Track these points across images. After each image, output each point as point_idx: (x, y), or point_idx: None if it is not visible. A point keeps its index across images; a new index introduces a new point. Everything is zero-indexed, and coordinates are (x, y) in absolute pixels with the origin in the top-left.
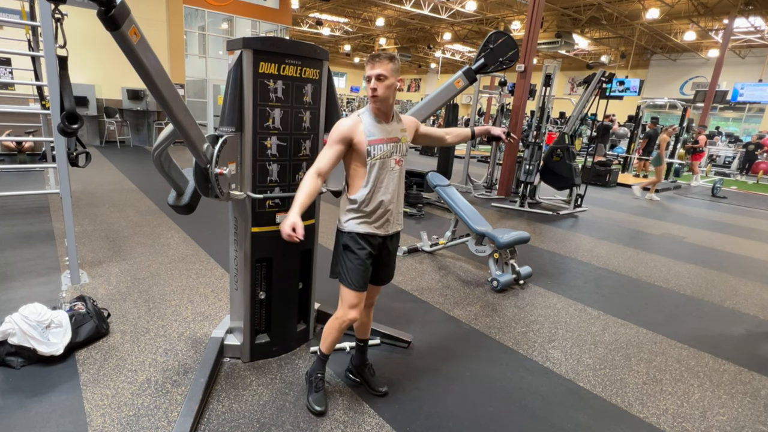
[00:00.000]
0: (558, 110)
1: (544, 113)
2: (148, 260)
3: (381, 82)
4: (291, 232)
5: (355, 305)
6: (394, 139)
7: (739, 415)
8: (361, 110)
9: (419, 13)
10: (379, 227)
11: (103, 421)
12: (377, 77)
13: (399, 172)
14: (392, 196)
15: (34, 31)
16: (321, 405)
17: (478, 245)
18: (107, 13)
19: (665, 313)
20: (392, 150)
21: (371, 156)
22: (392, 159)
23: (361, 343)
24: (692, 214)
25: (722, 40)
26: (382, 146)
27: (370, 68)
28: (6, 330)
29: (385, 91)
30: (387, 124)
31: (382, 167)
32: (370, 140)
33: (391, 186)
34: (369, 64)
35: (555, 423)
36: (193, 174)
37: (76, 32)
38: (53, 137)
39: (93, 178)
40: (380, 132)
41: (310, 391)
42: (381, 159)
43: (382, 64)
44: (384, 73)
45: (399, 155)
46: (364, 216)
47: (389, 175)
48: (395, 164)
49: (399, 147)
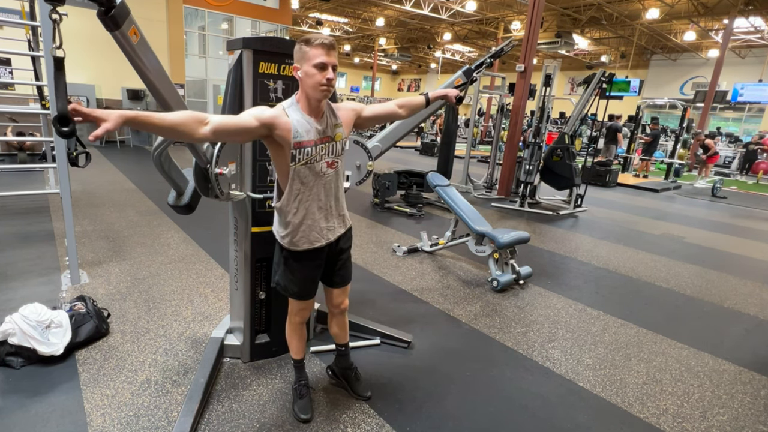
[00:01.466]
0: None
1: (544, 113)
2: (148, 260)
3: (334, 72)
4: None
5: (302, 309)
6: (325, 138)
7: (739, 415)
8: (285, 103)
9: (419, 13)
10: (315, 240)
11: (103, 421)
12: (333, 67)
13: (334, 175)
14: (326, 204)
15: (34, 31)
16: (306, 413)
17: (478, 245)
18: (107, 13)
19: (665, 313)
20: (323, 152)
21: (295, 160)
22: (322, 162)
23: (341, 348)
24: (692, 214)
25: (722, 40)
26: (309, 149)
27: (325, 55)
28: (6, 330)
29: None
30: (318, 121)
31: (311, 172)
32: (296, 141)
33: (323, 194)
34: (323, 50)
35: (555, 423)
36: (193, 174)
37: (76, 32)
38: (53, 137)
39: (93, 178)
40: (309, 132)
41: (295, 399)
42: (307, 164)
43: (335, 54)
44: (336, 63)
45: (332, 157)
46: (294, 229)
47: (319, 182)
48: (327, 167)
49: (332, 147)
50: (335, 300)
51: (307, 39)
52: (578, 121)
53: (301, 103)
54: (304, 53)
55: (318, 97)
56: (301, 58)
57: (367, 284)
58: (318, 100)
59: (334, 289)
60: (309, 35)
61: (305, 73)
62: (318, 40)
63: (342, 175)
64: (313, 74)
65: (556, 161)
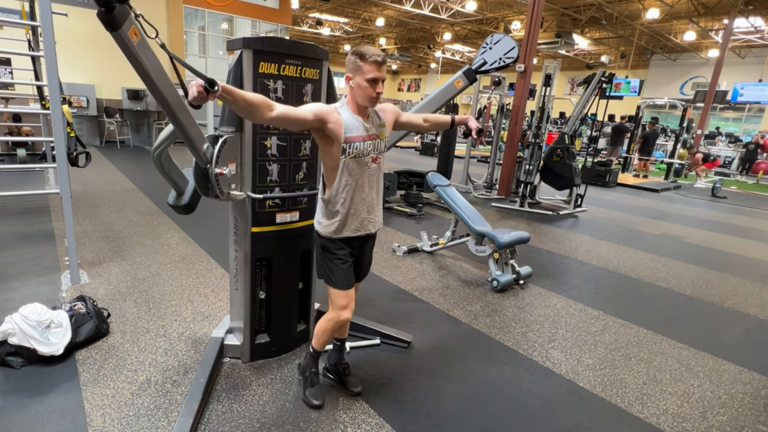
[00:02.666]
0: (558, 110)
1: (544, 113)
2: (148, 260)
3: (382, 85)
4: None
5: (346, 305)
6: (372, 136)
7: (739, 415)
8: (337, 104)
9: (419, 13)
10: (356, 229)
11: (103, 421)
12: (382, 80)
13: (377, 170)
14: (369, 195)
15: (34, 31)
16: (318, 399)
17: (478, 245)
18: (108, 13)
19: (665, 313)
20: (370, 148)
21: (345, 153)
22: (369, 157)
23: (338, 343)
24: (692, 214)
25: (722, 40)
26: (358, 144)
27: (377, 71)
28: (6, 330)
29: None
30: (365, 120)
31: (358, 166)
32: (347, 136)
33: (367, 185)
34: (375, 66)
35: (555, 423)
36: (193, 174)
37: (76, 32)
38: (53, 137)
39: (93, 178)
40: (359, 129)
41: (306, 385)
42: (356, 157)
43: (385, 68)
44: (385, 77)
45: (376, 152)
46: (340, 218)
47: (365, 174)
48: (372, 162)
49: (377, 144)
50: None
51: (361, 53)
52: (578, 121)
53: (350, 105)
54: (357, 66)
55: (367, 105)
56: (354, 70)
57: (367, 284)
58: (362, 106)
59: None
60: (362, 48)
61: (357, 84)
62: (372, 56)
63: (382, 171)
64: (365, 87)
65: (556, 161)
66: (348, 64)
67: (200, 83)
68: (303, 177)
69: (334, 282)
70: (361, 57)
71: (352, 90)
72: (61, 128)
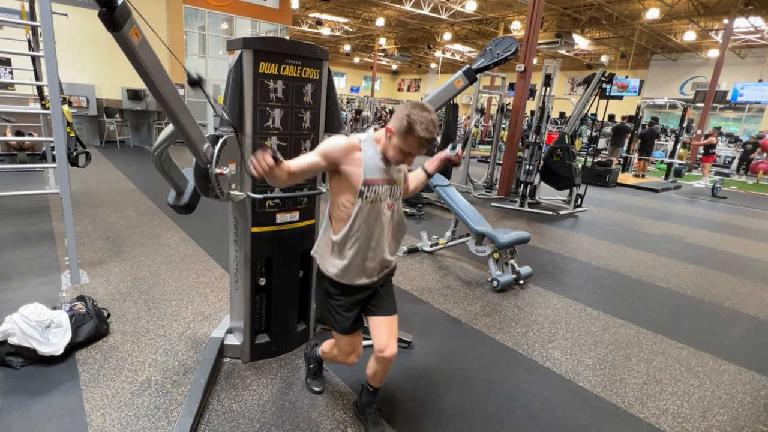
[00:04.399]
0: (558, 110)
1: (544, 113)
2: (148, 260)
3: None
4: (257, 160)
5: (352, 351)
6: (390, 180)
7: (739, 415)
8: (364, 136)
9: (419, 13)
10: (365, 276)
11: (103, 421)
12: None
13: (390, 216)
14: (379, 243)
15: (34, 31)
16: (320, 386)
17: (478, 245)
18: (109, 14)
19: (665, 313)
20: (387, 193)
21: (363, 197)
22: (385, 203)
23: (371, 389)
24: (692, 214)
25: (722, 40)
26: (377, 188)
27: (417, 148)
28: (6, 330)
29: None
30: (388, 166)
31: (372, 211)
32: (367, 178)
33: (378, 232)
34: (418, 144)
35: (555, 423)
36: (193, 174)
37: (76, 32)
38: (53, 137)
39: (93, 178)
40: (380, 172)
41: (309, 374)
42: (372, 203)
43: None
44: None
45: (392, 199)
46: (347, 262)
47: (378, 221)
48: (387, 209)
49: (393, 190)
50: (379, 339)
51: (412, 123)
52: (578, 121)
53: (379, 144)
54: (404, 131)
55: (391, 161)
56: (399, 129)
57: None
58: (388, 156)
59: (378, 323)
60: (417, 115)
61: (394, 144)
62: (422, 132)
63: (397, 218)
64: (399, 151)
65: (556, 161)
66: (395, 120)
67: (267, 154)
68: None
69: (334, 326)
70: (411, 127)
71: (387, 142)
72: (61, 128)
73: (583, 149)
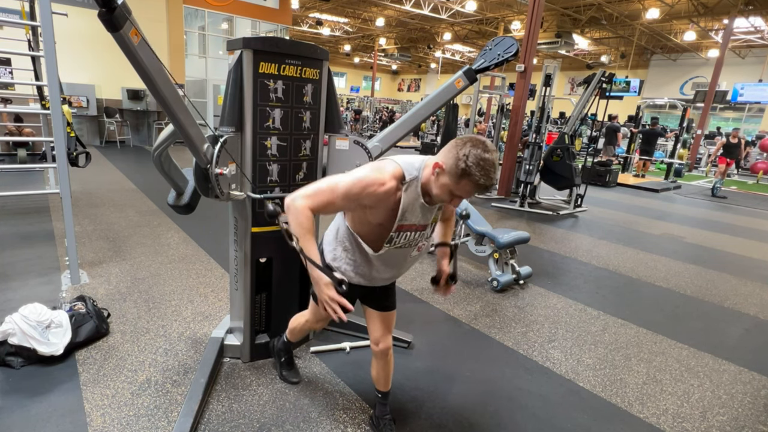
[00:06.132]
0: (558, 110)
1: (544, 113)
2: (148, 260)
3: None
4: (336, 306)
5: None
6: (425, 225)
7: (739, 415)
8: (410, 172)
9: (419, 13)
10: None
11: (103, 421)
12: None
13: (417, 254)
14: (397, 271)
15: (34, 31)
16: (297, 377)
17: (478, 245)
18: (108, 14)
19: (665, 313)
20: (419, 238)
21: (392, 243)
22: (414, 248)
23: (379, 395)
24: (692, 214)
25: (722, 40)
26: (408, 234)
27: (470, 194)
28: (6, 330)
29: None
30: (430, 207)
31: (399, 252)
32: (401, 224)
33: (398, 262)
34: (474, 190)
35: (555, 423)
36: (193, 174)
37: (76, 32)
38: (53, 137)
39: (93, 178)
40: (417, 217)
41: (283, 367)
42: (401, 247)
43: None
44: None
45: (423, 240)
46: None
47: (402, 255)
48: (416, 251)
49: (427, 232)
50: (373, 331)
51: (473, 164)
52: (578, 121)
53: (423, 182)
54: (459, 174)
55: (434, 200)
56: (452, 170)
57: None
58: (430, 196)
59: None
60: (478, 159)
61: (443, 184)
62: (482, 179)
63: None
64: (447, 194)
65: (556, 161)
66: (450, 157)
67: (327, 282)
68: (303, 177)
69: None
70: (468, 172)
71: (435, 180)
72: (61, 128)
73: (583, 149)
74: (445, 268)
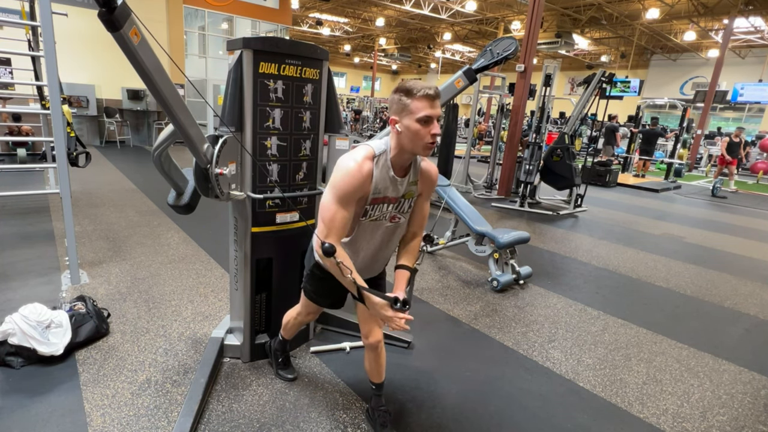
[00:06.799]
0: (558, 110)
1: (544, 113)
2: (148, 260)
3: (438, 124)
4: (399, 321)
5: (317, 311)
6: (397, 198)
7: (739, 415)
8: (380, 147)
9: (419, 13)
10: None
11: (103, 421)
12: (438, 118)
13: (392, 228)
14: (376, 249)
15: (34, 31)
16: (292, 373)
17: (478, 245)
18: (108, 14)
19: (665, 313)
20: (393, 211)
21: (367, 216)
22: (387, 218)
23: (374, 387)
24: (692, 214)
25: (722, 40)
26: (382, 206)
27: (429, 107)
28: (6, 330)
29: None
30: (400, 179)
31: (374, 225)
32: (374, 197)
33: (377, 239)
34: (428, 102)
35: (555, 423)
36: (193, 174)
37: (76, 32)
38: (53, 137)
39: (93, 178)
40: (389, 189)
41: (279, 366)
42: (376, 220)
43: (439, 103)
44: (441, 114)
45: (397, 212)
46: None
47: (377, 229)
48: (389, 221)
49: (401, 205)
50: (363, 325)
51: (407, 89)
52: (578, 121)
53: (393, 154)
54: (404, 105)
55: (419, 153)
56: (400, 111)
57: None
58: (414, 155)
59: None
60: (408, 84)
61: (406, 127)
62: (421, 90)
63: (400, 229)
64: (417, 129)
65: (556, 161)
66: (392, 105)
67: (384, 304)
68: (303, 177)
69: (312, 297)
70: (408, 93)
71: (399, 135)
72: (61, 128)
73: (583, 149)
74: (400, 291)
